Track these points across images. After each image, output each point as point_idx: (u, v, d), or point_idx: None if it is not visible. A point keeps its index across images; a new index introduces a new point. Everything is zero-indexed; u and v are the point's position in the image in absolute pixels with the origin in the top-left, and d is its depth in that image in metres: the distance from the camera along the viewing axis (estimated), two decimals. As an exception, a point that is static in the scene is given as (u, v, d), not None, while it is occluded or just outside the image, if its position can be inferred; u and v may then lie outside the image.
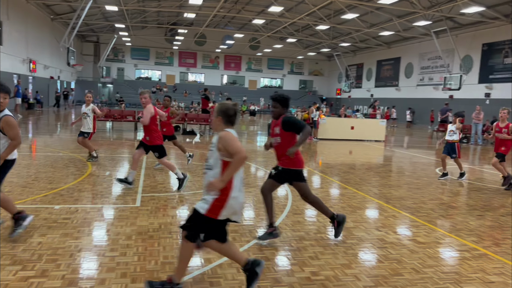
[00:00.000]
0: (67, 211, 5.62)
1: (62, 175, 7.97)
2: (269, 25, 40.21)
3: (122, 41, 49.77)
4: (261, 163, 10.96)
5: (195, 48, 53.47)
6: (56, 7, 34.20)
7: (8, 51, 26.73)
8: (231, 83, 56.49)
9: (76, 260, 4.06)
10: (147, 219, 5.45)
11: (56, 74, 38.74)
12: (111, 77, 51.96)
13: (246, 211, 6.14)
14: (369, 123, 20.21)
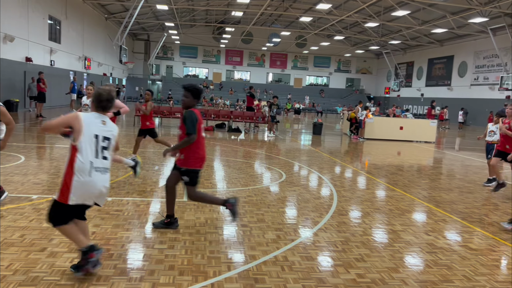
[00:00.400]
0: (118, 203, 5.86)
1: (113, 169, 8.28)
2: (316, 22, 39.81)
3: (172, 39, 51.03)
4: (304, 162, 10.90)
5: (242, 46, 53.92)
6: (110, 7, 35.61)
7: (65, 49, 28.16)
8: (276, 81, 56.51)
9: (127, 250, 4.23)
10: (194, 214, 5.58)
11: (108, 71, 40.38)
12: (160, 75, 53.47)
13: (290, 210, 6.14)
14: (419, 123, 19.56)
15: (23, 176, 7.23)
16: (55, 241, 4.30)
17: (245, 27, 44.13)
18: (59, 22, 27.04)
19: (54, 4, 25.83)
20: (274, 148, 13.80)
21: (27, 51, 22.49)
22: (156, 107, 19.67)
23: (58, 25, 26.97)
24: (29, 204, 5.58)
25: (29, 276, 3.52)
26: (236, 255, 4.27)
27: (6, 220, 4.84)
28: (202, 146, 4.91)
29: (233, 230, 5.04)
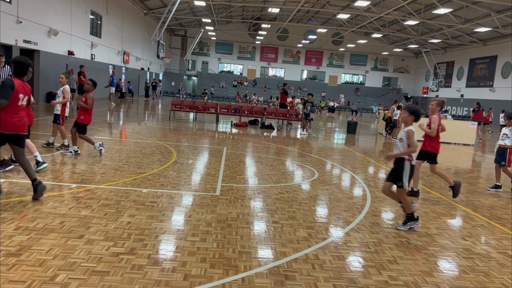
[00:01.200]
0: (153, 195, 5.99)
1: (150, 161, 8.49)
2: (354, 20, 39.20)
3: (208, 35, 51.55)
4: (337, 161, 10.78)
5: (277, 43, 53.80)
6: (149, 2, 36.33)
7: (105, 44, 28.97)
8: (311, 79, 56.07)
9: (160, 241, 4.32)
10: (226, 208, 5.63)
11: (146, 65, 41.25)
12: (196, 70, 54.14)
13: (322, 209, 6.09)
14: (458, 125, 18.92)
15: (63, 165, 7.51)
16: (92, 229, 4.45)
17: (281, 23, 43.98)
18: (100, 17, 27.83)
19: (96, 0, 26.61)
20: (307, 146, 13.71)
21: (70, 45, 23.29)
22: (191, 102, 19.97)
23: (99, 20, 27.78)
24: (69, 192, 5.79)
25: (68, 261, 3.65)
26: (266, 251, 4.28)
27: (47, 207, 5.04)
28: (16, 112, 5.20)
29: (264, 226, 5.05)
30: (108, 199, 5.58)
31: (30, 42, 19.07)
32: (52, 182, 6.21)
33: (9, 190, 5.61)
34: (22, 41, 18.40)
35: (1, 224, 4.37)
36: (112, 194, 5.86)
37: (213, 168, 8.36)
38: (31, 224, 4.45)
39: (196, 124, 17.96)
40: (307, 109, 17.61)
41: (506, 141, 8.16)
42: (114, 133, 12.91)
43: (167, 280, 3.47)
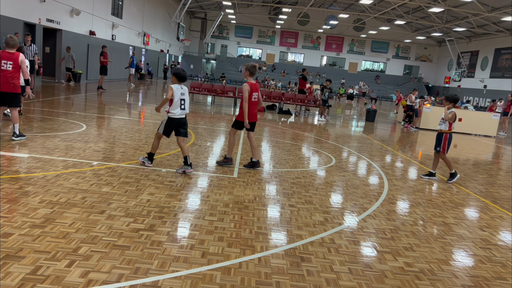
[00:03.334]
0: (172, 175, 6.08)
1: (169, 142, 8.58)
2: (376, 5, 38.43)
3: (228, 19, 51.25)
4: (355, 148, 10.72)
5: (297, 27, 53.21)
6: (170, -16, 36.20)
7: (126, 25, 29.09)
8: (330, 65, 55.44)
9: (179, 219, 4.40)
10: (243, 190, 5.68)
11: (165, 47, 41.33)
12: (215, 54, 54.03)
13: (339, 194, 6.10)
14: (479, 116, 18.58)
15: (85, 143, 7.65)
16: (113, 205, 4.56)
17: (302, 8, 43.38)
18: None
19: (118, -20, 26.66)
20: (324, 132, 13.65)
21: (91, 25, 23.46)
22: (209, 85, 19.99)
23: (120, 1, 27.85)
24: (90, 169, 5.91)
25: (90, 235, 3.76)
26: (283, 233, 4.33)
27: (70, 182, 5.17)
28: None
29: (281, 209, 5.09)
30: (128, 177, 5.69)
31: (53, 21, 19.28)
32: (74, 159, 6.35)
33: (33, 165, 5.76)
34: (45, 20, 18.61)
35: (27, 197, 4.51)
36: (132, 172, 5.97)
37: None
38: (55, 198, 4.58)
39: (214, 108, 18.01)
40: (325, 95, 17.47)
41: (442, 126, 7.70)
42: (133, 114, 13.05)
43: (185, 257, 3.54)
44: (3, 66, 6.93)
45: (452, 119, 7.54)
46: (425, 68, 54.48)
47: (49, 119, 9.78)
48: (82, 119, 10.29)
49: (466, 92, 42.50)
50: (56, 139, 7.65)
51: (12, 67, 6.97)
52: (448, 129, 7.63)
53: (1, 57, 6.92)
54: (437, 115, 17.72)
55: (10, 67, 6.96)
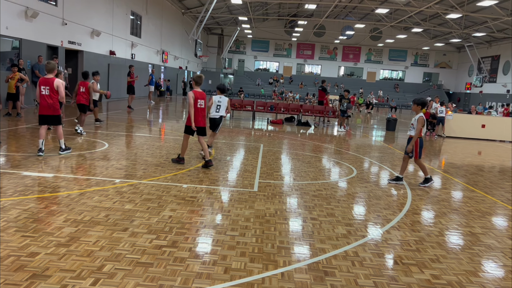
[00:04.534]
0: (193, 190, 6.11)
1: (189, 157, 8.65)
2: (393, 14, 38.26)
3: (244, 34, 51.78)
4: (376, 158, 10.59)
5: (314, 39, 53.34)
6: (187, 2, 36.91)
7: (145, 43, 29.70)
8: (348, 75, 55.23)
9: (201, 235, 4.41)
10: (264, 204, 5.67)
11: (184, 64, 41.95)
12: (232, 68, 54.54)
13: (361, 206, 6.02)
14: (503, 122, 18.15)
15: (107, 161, 7.79)
16: (136, 223, 4.61)
17: (317, 20, 43.55)
18: (140, 17, 28.55)
19: (136, 1, 27.32)
20: (344, 143, 13.55)
21: (111, 45, 24.04)
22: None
23: (139, 20, 28.50)
24: (113, 187, 6.00)
25: (113, 253, 3.80)
26: (305, 247, 4.29)
27: (93, 201, 5.26)
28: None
29: (303, 223, 5.05)
30: (150, 194, 5.75)
31: (74, 43, 19.83)
32: (97, 177, 6.46)
33: (57, 184, 5.89)
34: (67, 42, 19.16)
35: (52, 216, 4.60)
36: (154, 189, 6.03)
37: (250, 165, 8.43)
38: (79, 216, 4.66)
39: (233, 122, 18.11)
40: (343, 106, 17.38)
41: (412, 132, 7.53)
42: (154, 131, 13.23)
43: (208, 273, 3.54)
44: (43, 91, 7.50)
45: (421, 124, 7.36)
46: (445, 75, 53.71)
47: (72, 138, 10.00)
48: (105, 137, 10.48)
49: (489, 98, 41.63)
50: (80, 158, 7.81)
51: (49, 91, 7.50)
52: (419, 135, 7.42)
53: (41, 83, 7.49)
54: (459, 122, 17.40)
55: (48, 92, 7.49)
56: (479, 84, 43.33)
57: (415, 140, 7.45)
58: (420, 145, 7.54)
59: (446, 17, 34.67)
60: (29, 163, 7.08)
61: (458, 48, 51.51)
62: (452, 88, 52.33)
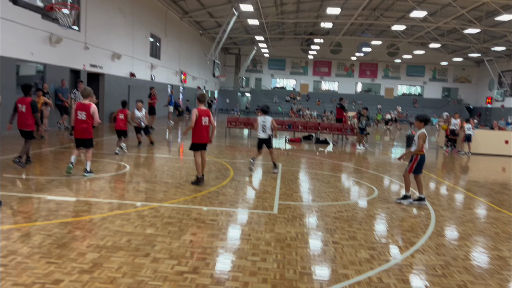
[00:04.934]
0: (213, 213, 6.12)
1: (208, 179, 8.68)
2: (409, 30, 38.15)
3: (261, 53, 52.29)
4: (397, 177, 10.43)
5: (330, 56, 53.50)
6: (204, 23, 37.61)
7: (164, 64, 30.25)
8: (365, 91, 55.03)
9: (222, 260, 4.39)
10: (284, 227, 5.63)
11: (202, 84, 42.50)
12: (250, 87, 55.00)
13: (384, 228, 5.92)
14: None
15: (128, 184, 7.88)
16: (157, 247, 4.62)
17: (334, 37, 43.71)
18: (159, 39, 29.16)
19: (155, 23, 27.95)
20: (364, 161, 13.42)
21: (132, 67, 24.56)
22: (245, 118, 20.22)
23: (158, 42, 29.10)
24: (134, 210, 6.05)
25: (136, 279, 3.81)
26: (328, 273, 4.22)
27: (115, 225, 5.30)
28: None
29: (324, 247, 4.99)
30: (171, 217, 5.77)
31: (96, 66, 20.33)
32: (119, 201, 6.53)
33: (80, 208, 5.97)
34: (89, 65, 19.66)
35: (75, 242, 4.65)
36: (174, 212, 6.06)
37: (269, 185, 8.41)
38: (101, 242, 4.70)
39: (251, 140, 18.16)
40: (362, 124, 17.28)
41: (412, 147, 7.54)
42: (173, 151, 13.36)
43: (230, 301, 3.51)
44: (79, 116, 7.90)
45: (422, 140, 7.34)
46: (465, 90, 52.99)
47: (94, 160, 10.16)
48: (125, 159, 10.63)
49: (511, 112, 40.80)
50: (101, 181, 7.92)
51: (86, 116, 7.90)
52: (420, 151, 7.38)
53: (78, 108, 7.91)
54: (481, 138, 17.07)
55: (84, 116, 7.90)
56: (500, 98, 42.56)
57: (415, 153, 7.43)
58: (421, 161, 7.50)
59: (464, 32, 34.39)
60: (52, 186, 7.21)
61: (477, 62, 50.89)
62: (473, 103, 51.53)
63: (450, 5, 28.34)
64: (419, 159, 7.45)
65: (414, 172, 7.53)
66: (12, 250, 4.31)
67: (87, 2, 18.76)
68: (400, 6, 32.21)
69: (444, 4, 29.13)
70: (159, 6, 28.28)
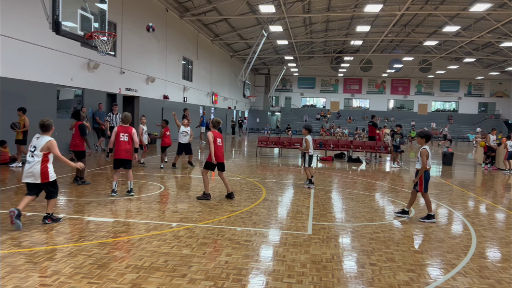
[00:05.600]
0: (247, 234, 6.13)
1: (241, 199, 8.73)
2: (442, 45, 37.57)
3: (290, 72, 52.65)
4: (434, 195, 10.14)
5: (361, 74, 53.21)
6: (235, 45, 38.34)
7: (196, 86, 30.91)
8: (398, 108, 54.19)
9: (258, 282, 4.38)
10: (319, 248, 5.57)
11: (233, 104, 43.06)
12: (279, 106, 55.25)
13: (422, 249, 5.75)
14: None
15: (164, 204, 8.02)
16: (194, 268, 4.67)
17: (364, 55, 43.56)
18: (191, 62, 29.91)
19: (187, 47, 28.73)
20: (399, 179, 13.14)
21: (165, 89, 25.22)
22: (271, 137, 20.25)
23: (190, 65, 29.83)
24: (170, 231, 6.15)
25: (173, 300, 3.85)
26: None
27: (152, 246, 5.40)
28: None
29: (361, 269, 4.90)
30: (206, 238, 5.83)
31: (131, 90, 21.00)
32: (155, 221, 6.66)
33: (118, 229, 6.12)
34: (125, 89, 20.34)
35: (114, 262, 4.77)
36: (209, 232, 6.11)
37: (303, 205, 8.36)
38: (139, 262, 4.79)
39: (282, 160, 18.15)
40: (396, 141, 16.99)
41: (418, 165, 7.53)
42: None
43: (267, 323, 3.49)
44: (121, 137, 8.41)
45: (425, 157, 7.35)
46: (502, 104, 51.31)
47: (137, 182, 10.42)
48: (160, 180, 10.85)
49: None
50: (138, 202, 8.11)
51: (128, 138, 8.44)
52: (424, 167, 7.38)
53: (119, 130, 8.43)
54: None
55: (127, 138, 8.44)
56: (541, 112, 40.93)
57: (421, 173, 7.40)
58: (426, 178, 7.46)
59: (500, 45, 33.54)
60: (91, 208, 7.44)
61: (515, 76, 49.35)
62: (511, 118, 49.75)
63: (484, 19, 27.79)
64: (424, 175, 7.43)
65: (421, 190, 7.46)
66: (55, 270, 4.46)
67: (122, 28, 19.54)
68: (432, 21, 31.84)
69: (477, 18, 28.62)
70: (191, 30, 29.09)
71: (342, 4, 27.81)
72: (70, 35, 9.92)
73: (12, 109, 12.57)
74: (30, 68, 13.95)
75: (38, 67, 14.30)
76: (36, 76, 14.25)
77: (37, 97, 14.23)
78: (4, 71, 12.82)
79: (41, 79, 14.47)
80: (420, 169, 7.38)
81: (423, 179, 7.41)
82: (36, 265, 4.60)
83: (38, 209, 7.14)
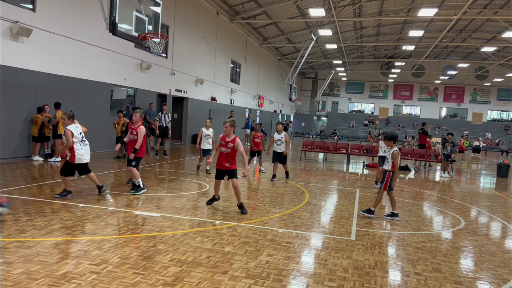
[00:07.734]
0: (289, 236, 6.12)
1: (284, 201, 8.72)
2: (501, 52, 35.73)
3: (338, 76, 52.00)
4: (486, 208, 9.66)
5: (412, 80, 51.66)
6: (283, 49, 38.42)
7: (243, 89, 31.26)
8: (450, 116, 52.07)
9: (298, 284, 4.37)
10: (362, 254, 5.46)
11: (278, 108, 43.12)
12: (326, 111, 54.68)
13: (472, 262, 5.50)
14: None
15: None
16: (235, 266, 4.72)
17: (416, 60, 42.26)
18: (239, 65, 30.29)
19: (236, 50, 29.13)
20: (449, 190, 12.62)
21: (213, 91, 25.70)
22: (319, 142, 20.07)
23: (238, 68, 30.22)
24: (213, 228, 6.26)
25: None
26: (409, 305, 4.01)
27: (195, 241, 5.52)
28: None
29: (405, 277, 4.76)
30: (248, 237, 5.88)
31: (181, 91, 21.57)
32: (199, 218, 6.80)
33: (164, 224, 6.31)
34: (175, 90, 20.92)
35: (159, 255, 4.92)
36: (251, 232, 6.16)
37: (346, 211, 8.23)
38: (183, 257, 4.92)
39: (326, 165, 17.95)
40: (447, 150, 16.34)
41: (386, 166, 7.81)
42: (250, 172, 13.62)
43: (306, 325, 3.48)
44: (223, 150, 7.62)
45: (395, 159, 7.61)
46: None
47: (177, 179, 10.71)
48: (205, 179, 11.05)
49: None
50: (183, 199, 8.31)
51: (231, 150, 7.58)
52: (391, 168, 7.64)
53: (222, 139, 7.72)
54: None
55: (230, 150, 7.60)
56: None
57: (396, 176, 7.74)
58: (391, 179, 7.71)
59: None
60: (140, 202, 7.71)
61: None
62: None
63: (548, 24, 26.18)
64: (391, 176, 7.68)
65: (386, 189, 7.75)
66: (104, 259, 4.66)
67: (174, 31, 20.13)
68: (490, 27, 30.42)
69: (541, 23, 26.99)
70: (240, 34, 29.47)
71: (394, 8, 27.17)
72: (125, 36, 10.36)
73: (69, 107, 13.28)
74: (87, 67, 14.68)
75: (94, 66, 15.02)
76: (92, 75, 14.97)
77: (92, 95, 14.94)
78: (63, 70, 13.57)
79: (96, 78, 15.19)
80: (395, 172, 7.62)
81: (389, 178, 7.68)
82: (86, 253, 4.84)
83: (91, 201, 7.50)
